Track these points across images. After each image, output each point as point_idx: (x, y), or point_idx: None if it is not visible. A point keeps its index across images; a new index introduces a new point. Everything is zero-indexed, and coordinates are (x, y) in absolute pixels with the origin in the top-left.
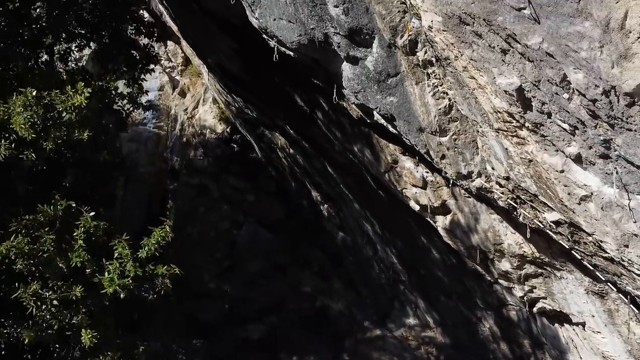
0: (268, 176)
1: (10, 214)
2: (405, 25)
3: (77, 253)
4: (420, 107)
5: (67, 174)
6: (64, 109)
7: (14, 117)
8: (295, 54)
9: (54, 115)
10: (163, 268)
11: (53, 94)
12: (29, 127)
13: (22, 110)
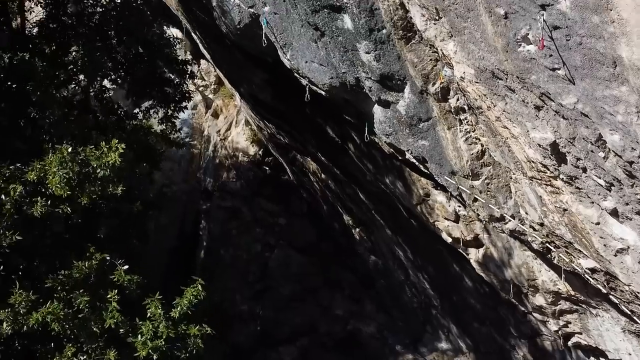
0: (300, 198)
1: (47, 266)
2: (437, 74)
3: (112, 314)
4: (452, 152)
5: (101, 224)
6: (99, 165)
7: (50, 177)
8: (327, 94)
9: (88, 170)
10: (195, 329)
11: (88, 150)
12: (64, 185)
13: (57, 169)
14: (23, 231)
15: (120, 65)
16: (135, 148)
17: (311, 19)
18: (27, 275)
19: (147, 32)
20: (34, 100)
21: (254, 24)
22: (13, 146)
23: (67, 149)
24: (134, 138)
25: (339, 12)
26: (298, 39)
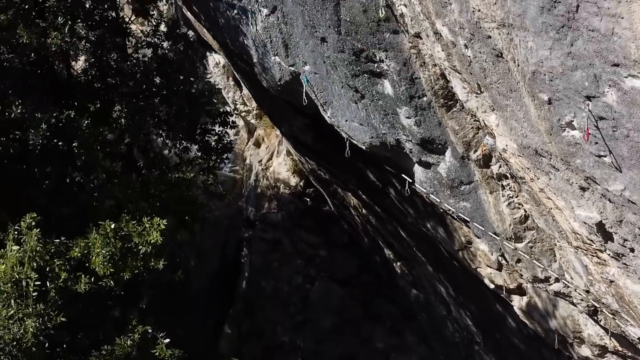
0: (341, 229)
1: (90, 340)
2: (479, 142)
3: None
4: (494, 215)
5: (143, 294)
6: (141, 243)
7: (94, 257)
8: (367, 150)
9: (131, 246)
10: None
11: (130, 226)
12: (107, 263)
13: (101, 248)
14: (67, 306)
15: (163, 122)
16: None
17: (351, 82)
18: (71, 349)
19: (189, 86)
20: (79, 164)
21: (294, 81)
22: (58, 211)
23: (110, 225)
24: (176, 193)
25: (379, 77)
26: (338, 98)
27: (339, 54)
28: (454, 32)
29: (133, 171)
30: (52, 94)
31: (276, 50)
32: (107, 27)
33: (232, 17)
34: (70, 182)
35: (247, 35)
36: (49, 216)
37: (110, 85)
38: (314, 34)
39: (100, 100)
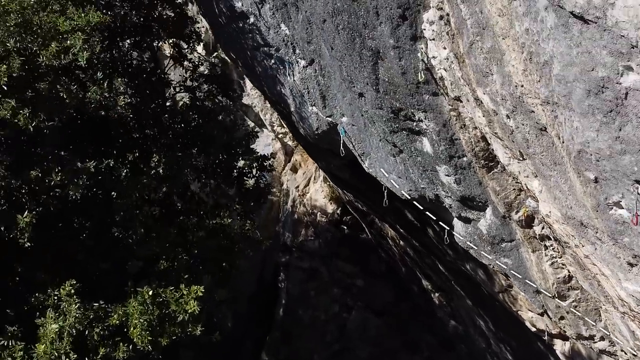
0: (378, 257)
1: None
2: (521, 204)
3: None
4: (537, 273)
5: (180, 356)
6: (178, 311)
7: (132, 328)
8: (405, 199)
9: (169, 312)
10: None
11: (168, 292)
12: (145, 332)
13: (139, 317)
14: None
15: (201, 170)
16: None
17: (389, 137)
18: None
19: (226, 136)
20: (117, 219)
21: (331, 131)
22: (97, 266)
23: (148, 292)
24: (214, 242)
25: (418, 135)
26: (376, 150)
27: (377, 110)
28: (496, 102)
29: (171, 218)
30: (92, 143)
31: (313, 101)
32: (145, 78)
33: (270, 66)
34: (108, 237)
35: (284, 84)
36: (87, 272)
37: (149, 136)
38: (352, 88)
39: (138, 150)
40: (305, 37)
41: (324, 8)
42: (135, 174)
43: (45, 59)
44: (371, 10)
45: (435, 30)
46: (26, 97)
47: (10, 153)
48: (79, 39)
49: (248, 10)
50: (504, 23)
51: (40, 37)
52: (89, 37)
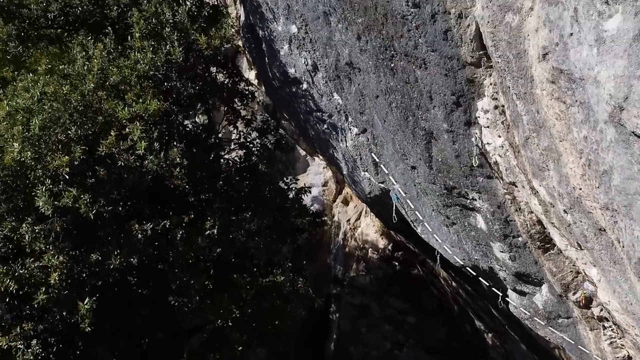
0: (430, 294)
1: None
2: (578, 286)
3: None
4: (595, 350)
5: None
6: None
7: None
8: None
9: None
10: None
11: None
12: None
13: None
14: None
15: (254, 232)
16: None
17: (442, 210)
18: None
19: (280, 199)
20: (174, 287)
21: (384, 196)
22: (154, 335)
23: None
24: (267, 304)
25: (472, 211)
26: (429, 219)
27: (429, 184)
28: (552, 196)
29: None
30: (148, 205)
31: (366, 167)
32: (200, 144)
33: (322, 130)
34: (165, 305)
35: (336, 149)
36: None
37: (203, 200)
38: (404, 160)
39: (193, 212)
40: (358, 107)
41: (376, 85)
42: (190, 236)
43: (104, 148)
44: (424, 94)
45: (490, 118)
46: (86, 184)
47: (71, 239)
48: (138, 128)
49: (301, 77)
50: (561, 127)
51: (99, 125)
52: (147, 126)
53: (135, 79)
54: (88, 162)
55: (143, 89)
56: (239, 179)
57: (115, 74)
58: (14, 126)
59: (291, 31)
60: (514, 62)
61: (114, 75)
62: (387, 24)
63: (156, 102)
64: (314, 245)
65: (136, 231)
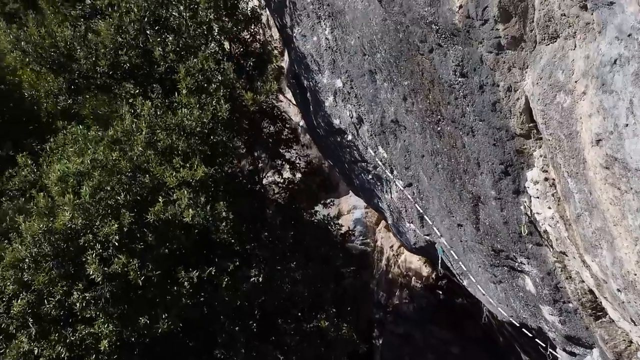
0: (475, 323)
1: None
2: (631, 355)
3: None
4: None
5: None
6: None
7: None
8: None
9: None
10: None
11: None
12: None
13: None
14: None
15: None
16: None
17: (489, 269)
18: None
19: (325, 250)
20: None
21: (429, 247)
22: None
23: None
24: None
25: (520, 273)
26: (475, 274)
27: (476, 244)
28: (605, 274)
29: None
30: (194, 253)
31: (411, 219)
32: (246, 197)
33: (367, 180)
34: (211, 357)
35: (381, 199)
36: None
37: (249, 250)
38: (450, 217)
39: (239, 259)
40: (403, 163)
41: (422, 146)
42: (235, 282)
43: (152, 215)
44: (472, 160)
45: (540, 189)
46: (135, 249)
47: (120, 303)
48: (185, 197)
49: (346, 128)
50: (615, 212)
51: (147, 191)
52: (194, 193)
53: (182, 144)
54: (137, 228)
55: (190, 150)
56: (283, 229)
57: (163, 139)
58: (65, 191)
59: (336, 85)
60: (566, 141)
61: (161, 141)
62: (434, 89)
63: (203, 169)
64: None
65: (182, 279)
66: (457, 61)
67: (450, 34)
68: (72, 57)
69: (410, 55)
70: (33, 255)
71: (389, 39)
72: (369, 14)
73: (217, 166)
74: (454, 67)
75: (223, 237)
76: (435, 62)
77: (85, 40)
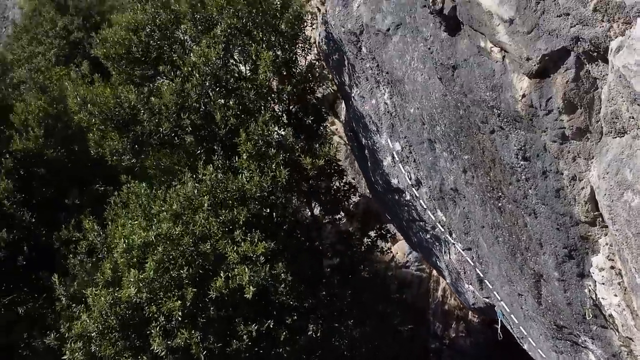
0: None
1: None
2: None
3: None
4: None
5: None
6: None
7: None
8: None
9: None
10: None
11: None
12: None
13: None
14: None
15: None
16: None
17: (551, 340)
18: None
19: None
20: None
21: (488, 309)
22: None
23: None
24: None
25: (584, 348)
26: (537, 341)
27: (538, 316)
28: None
29: None
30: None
31: (470, 280)
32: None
33: (425, 239)
34: None
35: (439, 258)
36: None
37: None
38: (511, 285)
39: (296, 314)
40: (463, 228)
41: (482, 218)
42: (293, 336)
43: (214, 291)
44: (534, 239)
45: (605, 277)
46: (197, 323)
47: None
48: (246, 274)
49: (404, 189)
50: None
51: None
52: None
53: (243, 217)
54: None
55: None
56: (341, 287)
57: (225, 214)
58: (130, 262)
59: (395, 148)
60: (634, 240)
61: (222, 215)
62: (495, 168)
63: (263, 245)
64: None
65: (242, 332)
66: (520, 145)
67: (513, 119)
68: (136, 117)
69: (470, 132)
70: (100, 328)
71: (449, 114)
72: (429, 88)
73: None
74: (516, 150)
75: (282, 299)
76: (496, 143)
77: (149, 103)
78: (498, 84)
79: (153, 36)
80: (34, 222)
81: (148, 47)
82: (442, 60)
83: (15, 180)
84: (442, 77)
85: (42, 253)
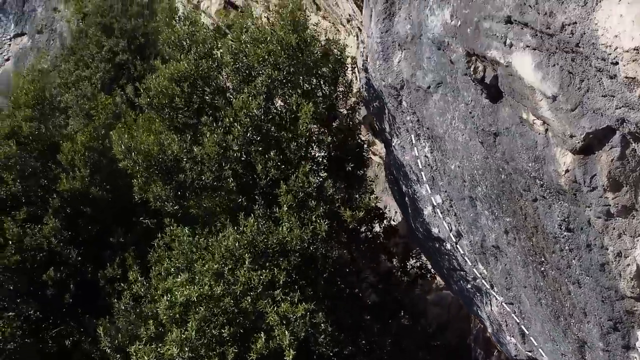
0: None
1: None
2: None
3: None
4: None
5: None
6: None
7: None
8: None
9: None
10: None
11: None
12: None
13: None
14: None
15: None
16: None
17: None
18: None
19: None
20: None
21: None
22: None
23: None
24: None
25: None
26: None
27: None
28: None
29: None
30: None
31: (512, 333)
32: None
33: (466, 288)
34: None
35: (481, 308)
36: None
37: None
38: (555, 344)
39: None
40: (504, 284)
41: (525, 279)
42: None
43: (254, 353)
44: (578, 308)
45: None
46: None
47: None
48: (286, 337)
49: (445, 238)
50: None
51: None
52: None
53: (283, 277)
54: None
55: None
56: (381, 335)
57: (266, 274)
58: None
59: (435, 200)
60: None
61: (264, 275)
62: (537, 235)
63: (304, 306)
64: None
65: None
66: (563, 217)
67: (556, 191)
68: (179, 165)
69: (512, 197)
70: None
71: (490, 176)
72: (470, 149)
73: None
74: (559, 221)
75: (322, 350)
76: (539, 212)
77: (191, 152)
78: (541, 156)
79: (196, 86)
80: (80, 260)
81: (191, 98)
82: (484, 126)
83: (62, 219)
84: (483, 142)
85: (87, 290)
